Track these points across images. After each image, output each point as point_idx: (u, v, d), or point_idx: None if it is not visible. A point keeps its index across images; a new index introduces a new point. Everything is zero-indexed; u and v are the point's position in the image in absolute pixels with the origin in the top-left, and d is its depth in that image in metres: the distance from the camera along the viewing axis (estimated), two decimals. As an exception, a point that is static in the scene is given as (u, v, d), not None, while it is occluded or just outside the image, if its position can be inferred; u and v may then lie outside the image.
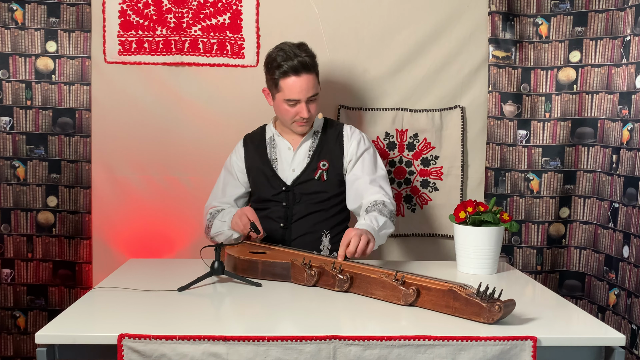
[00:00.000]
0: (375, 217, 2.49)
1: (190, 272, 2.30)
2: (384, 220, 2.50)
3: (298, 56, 2.56)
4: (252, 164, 2.76)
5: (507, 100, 3.11)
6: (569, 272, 3.15)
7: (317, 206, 2.69)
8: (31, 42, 3.06)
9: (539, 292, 2.38)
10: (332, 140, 2.73)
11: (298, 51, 2.58)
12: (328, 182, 2.69)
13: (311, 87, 2.59)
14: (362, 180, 2.66)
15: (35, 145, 3.09)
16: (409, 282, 2.03)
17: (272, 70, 2.61)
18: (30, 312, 3.16)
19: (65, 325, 1.84)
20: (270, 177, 2.71)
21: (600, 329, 1.89)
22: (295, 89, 2.57)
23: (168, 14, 3.07)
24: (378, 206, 2.56)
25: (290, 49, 2.59)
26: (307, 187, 2.68)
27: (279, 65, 2.57)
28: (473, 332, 1.77)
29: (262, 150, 2.75)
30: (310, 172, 2.68)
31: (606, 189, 2.93)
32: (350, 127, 2.78)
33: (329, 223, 2.69)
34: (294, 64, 2.55)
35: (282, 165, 2.72)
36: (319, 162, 2.69)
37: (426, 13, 3.11)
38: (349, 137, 2.73)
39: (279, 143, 2.74)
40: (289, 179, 2.70)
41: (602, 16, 2.96)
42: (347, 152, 2.71)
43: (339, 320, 1.96)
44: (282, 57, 2.57)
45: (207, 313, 2.03)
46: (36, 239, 3.13)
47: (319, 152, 2.71)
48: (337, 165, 2.70)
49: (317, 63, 2.64)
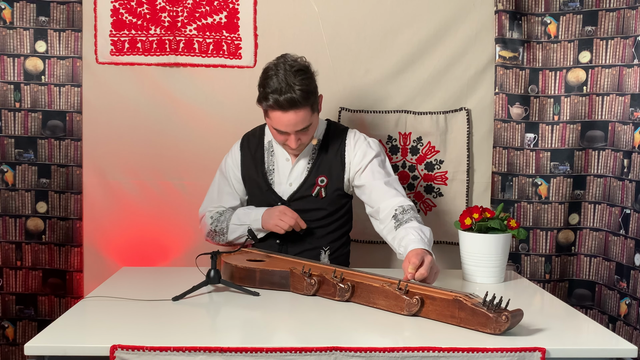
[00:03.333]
0: (420, 229, 2.37)
1: (186, 281, 2.30)
2: (428, 230, 2.40)
3: (290, 90, 2.40)
4: (247, 173, 2.73)
5: (514, 103, 3.12)
6: (578, 281, 3.15)
7: (315, 223, 2.66)
8: (20, 41, 3.07)
9: (548, 302, 2.39)
10: (333, 152, 2.66)
11: (293, 80, 2.42)
12: (326, 199, 2.65)
13: (300, 122, 2.46)
14: (376, 183, 2.57)
15: (24, 149, 3.10)
16: (412, 291, 2.03)
17: (261, 96, 2.49)
18: (19, 323, 3.16)
19: (55, 336, 1.84)
20: (265, 192, 2.69)
21: (611, 339, 1.90)
22: (282, 123, 2.46)
23: (162, 13, 3.08)
24: (408, 213, 2.45)
25: (285, 76, 2.42)
26: (304, 204, 2.65)
27: (266, 96, 2.45)
28: (479, 344, 1.77)
29: (259, 158, 2.72)
30: (308, 188, 2.65)
31: (617, 195, 2.94)
32: (354, 135, 2.69)
33: (327, 239, 2.69)
34: (280, 101, 2.41)
35: (279, 178, 2.68)
36: (317, 178, 2.64)
37: (430, 12, 3.12)
38: (352, 147, 2.65)
39: (278, 151, 2.70)
40: (286, 193, 2.67)
41: (612, 15, 2.97)
42: (350, 166, 2.64)
43: (340, 331, 1.96)
44: (273, 86, 2.43)
45: (203, 323, 2.03)
46: (25, 246, 3.13)
47: (318, 165, 2.65)
48: (337, 180, 2.65)
49: (313, 93, 2.50)
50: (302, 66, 2.50)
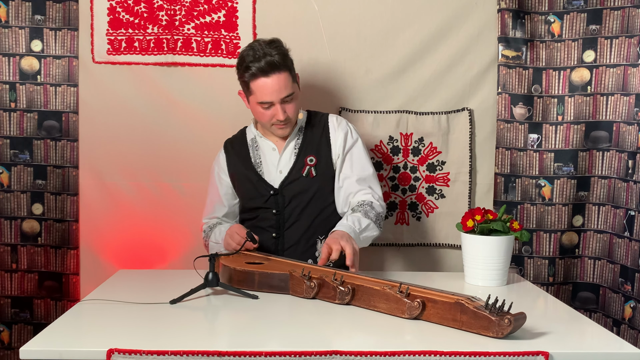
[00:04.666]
0: (358, 219, 2.52)
1: (183, 284, 2.31)
2: (367, 222, 2.53)
3: (267, 55, 2.51)
4: (236, 170, 2.76)
5: (517, 103, 3.12)
6: (582, 284, 3.16)
7: (309, 208, 2.68)
8: (15, 41, 3.07)
9: (551, 305, 2.39)
10: (317, 134, 2.72)
11: (268, 49, 2.54)
12: (317, 178, 2.68)
13: (283, 87, 2.55)
14: (350, 180, 2.67)
15: (19, 150, 3.10)
16: (413, 294, 2.04)
17: (241, 72, 2.59)
18: (15, 326, 3.16)
19: (51, 340, 1.85)
20: (256, 182, 2.70)
21: (616, 343, 1.90)
22: (267, 91, 2.54)
23: (160, 11, 3.09)
24: (364, 207, 2.59)
25: (261, 47, 2.54)
26: (296, 187, 2.67)
27: (247, 66, 2.54)
28: (481, 347, 1.77)
29: (244, 154, 2.75)
30: (298, 170, 2.68)
31: (622, 196, 2.94)
32: (336, 118, 2.76)
33: (323, 226, 2.68)
34: (261, 65, 2.51)
35: (268, 168, 2.71)
36: (305, 158, 2.68)
37: (432, 10, 3.12)
38: (335, 128, 2.72)
39: (262, 145, 2.74)
40: (276, 181, 2.69)
41: (617, 13, 2.98)
42: (335, 145, 2.70)
43: (340, 335, 1.96)
44: (251, 58, 2.54)
45: (201, 327, 2.03)
46: (21, 248, 3.13)
47: (305, 148, 2.70)
48: (326, 160, 2.69)
49: (290, 60, 2.61)
50: (275, 39, 2.62)
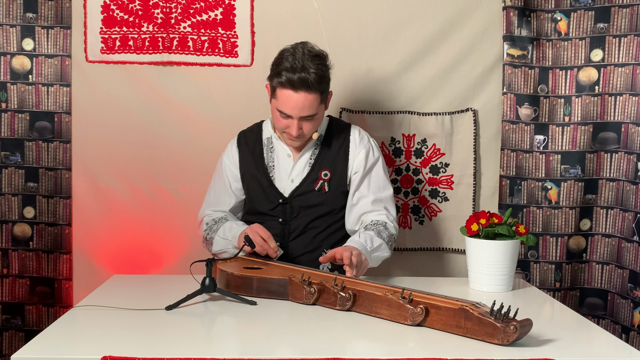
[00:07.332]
0: (371, 237, 2.52)
1: (179, 290, 2.30)
2: (379, 242, 2.53)
3: (304, 70, 2.46)
4: (247, 170, 2.74)
5: (523, 103, 3.13)
6: (590, 290, 3.16)
7: (317, 222, 2.68)
8: (6, 39, 3.08)
9: (558, 311, 2.39)
10: (336, 147, 2.69)
11: (308, 63, 2.48)
12: (329, 194, 2.67)
13: (307, 107, 2.50)
14: (366, 200, 2.66)
15: (10, 152, 3.11)
16: (416, 300, 2.04)
17: (273, 72, 2.55)
18: (6, 333, 3.16)
19: (43, 347, 1.85)
20: (266, 188, 2.69)
21: (624, 351, 1.90)
22: (289, 104, 2.50)
23: (155, 9, 3.09)
24: (378, 226, 2.59)
25: (302, 58, 2.49)
26: (306, 200, 2.66)
27: (279, 72, 2.49)
28: (486, 355, 1.77)
29: (258, 154, 2.73)
30: (311, 183, 2.66)
31: (630, 199, 2.94)
32: (359, 132, 2.73)
33: (329, 240, 2.69)
34: (293, 79, 2.46)
35: (280, 174, 2.69)
36: (320, 172, 2.67)
37: (435, 8, 3.13)
38: (357, 144, 2.69)
39: (278, 148, 2.72)
40: (287, 190, 2.68)
41: (626, 11, 2.98)
42: (354, 163, 2.68)
43: (341, 342, 1.97)
44: (287, 65, 2.48)
45: (197, 334, 2.03)
46: (12, 253, 3.14)
47: (321, 160, 2.68)
48: (341, 176, 2.68)
49: (326, 81, 2.55)
50: (320, 53, 2.58)
